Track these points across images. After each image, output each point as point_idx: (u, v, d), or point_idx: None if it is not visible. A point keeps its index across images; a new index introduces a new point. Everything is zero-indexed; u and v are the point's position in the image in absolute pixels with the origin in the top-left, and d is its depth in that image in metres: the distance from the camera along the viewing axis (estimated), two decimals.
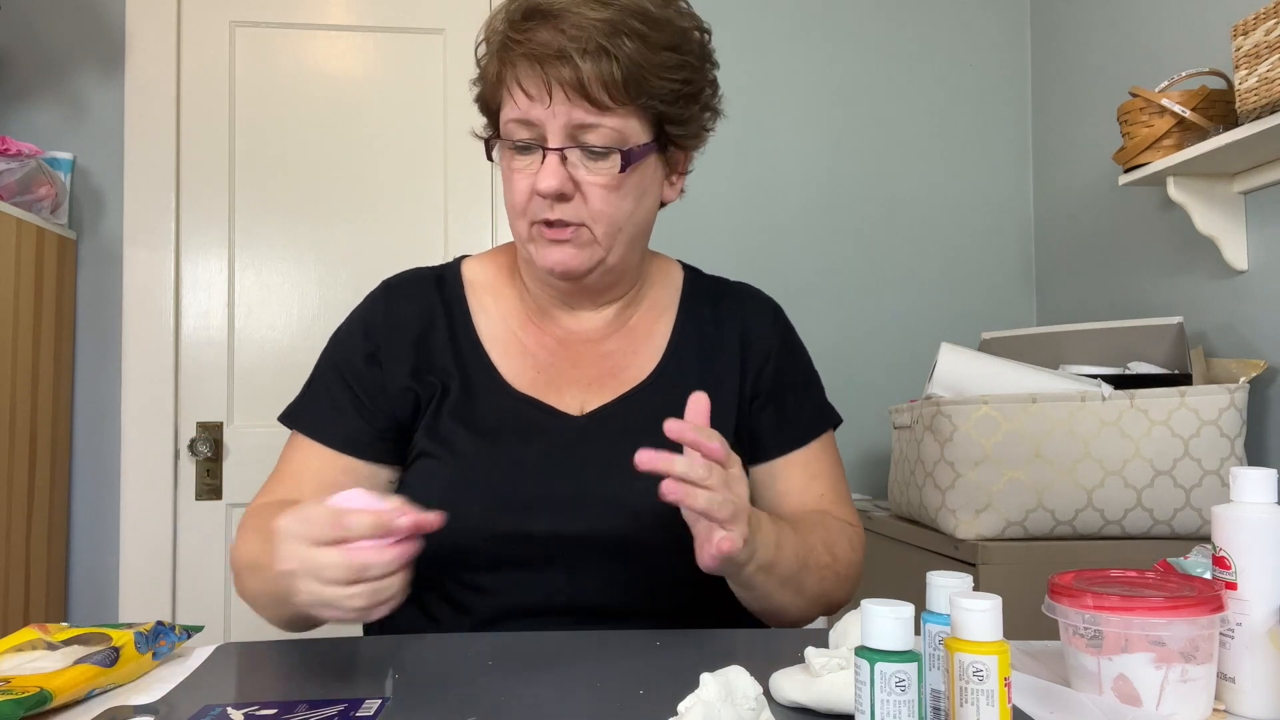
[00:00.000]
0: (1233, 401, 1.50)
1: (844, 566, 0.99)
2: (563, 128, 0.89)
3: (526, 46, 0.88)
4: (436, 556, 0.85)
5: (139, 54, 2.17)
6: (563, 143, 0.90)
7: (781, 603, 0.93)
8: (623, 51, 0.88)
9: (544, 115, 0.89)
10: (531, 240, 0.95)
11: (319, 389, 1.03)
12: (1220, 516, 0.70)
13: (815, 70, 2.39)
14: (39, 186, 1.92)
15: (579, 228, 0.93)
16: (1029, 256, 2.44)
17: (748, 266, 2.29)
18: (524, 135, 0.91)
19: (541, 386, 1.00)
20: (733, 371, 1.03)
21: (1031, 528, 1.54)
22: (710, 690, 0.58)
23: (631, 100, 0.90)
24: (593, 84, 0.87)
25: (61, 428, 2.06)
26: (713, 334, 1.05)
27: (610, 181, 0.91)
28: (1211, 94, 1.59)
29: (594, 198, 0.92)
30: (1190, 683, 0.66)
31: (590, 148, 0.90)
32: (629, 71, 0.88)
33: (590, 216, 0.92)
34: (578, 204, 0.92)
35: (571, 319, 1.04)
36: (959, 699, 0.56)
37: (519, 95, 0.90)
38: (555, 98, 0.88)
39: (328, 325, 2.17)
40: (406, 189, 2.26)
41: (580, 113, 0.89)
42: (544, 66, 0.88)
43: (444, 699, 0.70)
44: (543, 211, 0.92)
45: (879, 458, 2.30)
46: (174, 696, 0.72)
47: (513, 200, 0.95)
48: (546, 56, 0.87)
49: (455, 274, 1.07)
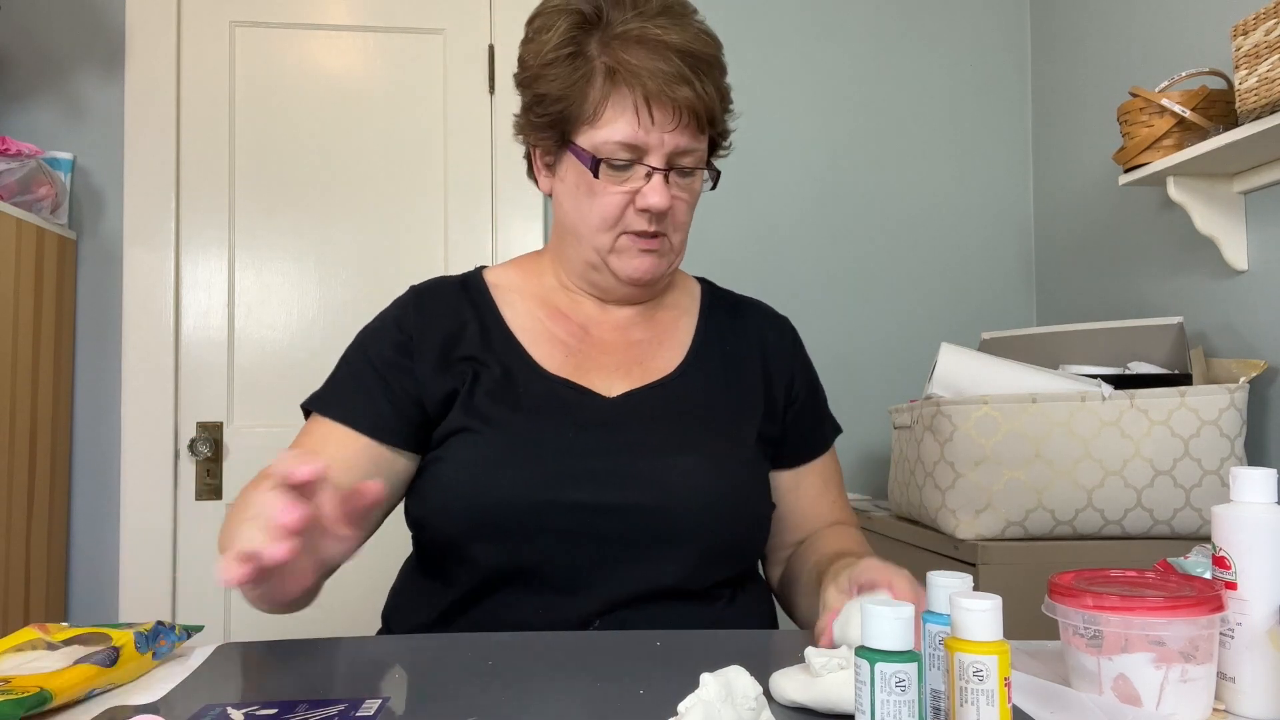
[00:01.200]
0: (1233, 401, 1.50)
1: None
2: (669, 149, 0.98)
3: (649, 70, 0.95)
4: (473, 524, 0.93)
5: (139, 54, 2.17)
6: (665, 163, 0.98)
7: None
8: (714, 80, 1.00)
9: (656, 139, 0.97)
10: (615, 251, 1.02)
11: (346, 377, 1.05)
12: (1220, 516, 0.70)
13: (815, 70, 2.39)
14: (39, 186, 1.92)
15: (664, 239, 1.02)
16: (1029, 256, 2.44)
17: (748, 267, 2.29)
18: (628, 157, 0.97)
19: (572, 369, 1.04)
20: (755, 378, 1.09)
21: (1031, 528, 1.54)
22: (710, 690, 0.58)
23: (715, 125, 1.02)
24: (703, 111, 0.97)
25: (61, 428, 2.06)
26: (734, 341, 1.11)
27: (693, 198, 1.03)
28: (1211, 94, 1.59)
29: (680, 211, 1.02)
30: (1190, 683, 0.66)
31: (685, 169, 1.00)
32: (719, 97, 1.01)
33: (674, 227, 1.02)
34: (667, 218, 1.01)
35: (600, 312, 1.09)
36: (959, 699, 0.56)
37: (642, 118, 0.96)
38: (680, 122, 0.96)
39: (328, 325, 2.21)
40: (406, 189, 2.26)
41: (689, 138, 0.98)
42: (671, 91, 0.95)
43: (444, 699, 0.71)
44: (641, 224, 1.00)
45: (879, 458, 2.30)
46: (174, 696, 0.72)
47: (604, 214, 1.00)
48: (672, 79, 0.95)
49: (478, 278, 1.12)
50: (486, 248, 2.27)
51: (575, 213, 1.02)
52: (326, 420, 1.01)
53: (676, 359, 1.07)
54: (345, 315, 2.22)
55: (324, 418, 1.02)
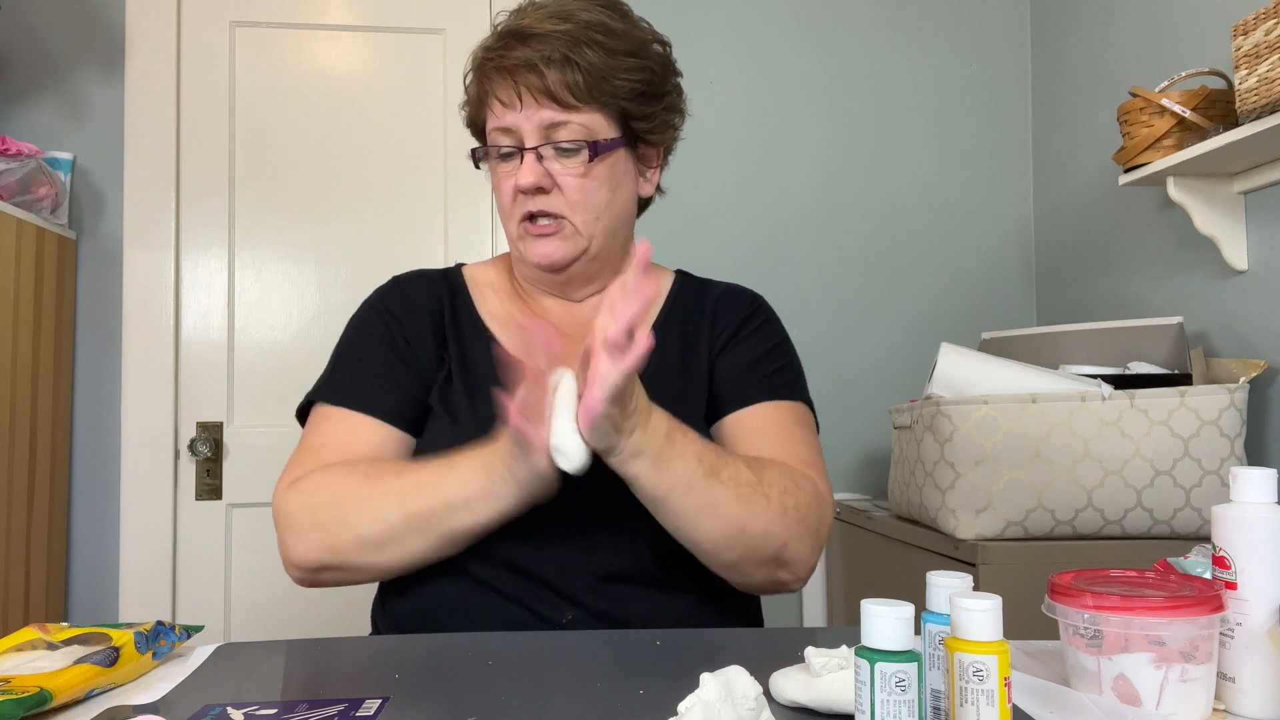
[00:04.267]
0: (1233, 401, 1.50)
1: (779, 494, 0.91)
2: (536, 128, 0.99)
3: (499, 62, 1.00)
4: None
5: (139, 54, 2.17)
6: (537, 142, 1.00)
7: (687, 516, 0.89)
8: (584, 58, 0.99)
9: (519, 120, 1.00)
10: (520, 239, 1.04)
11: (345, 367, 1.07)
12: (1220, 516, 0.70)
13: (815, 70, 2.39)
14: (39, 186, 1.92)
15: (560, 220, 1.02)
16: (1029, 256, 2.44)
17: (748, 267, 2.29)
18: (506, 142, 1.01)
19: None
20: (704, 354, 1.08)
21: (1031, 528, 1.54)
22: (710, 690, 0.58)
23: (594, 99, 1.00)
24: (557, 87, 0.98)
25: (61, 428, 2.06)
26: (695, 320, 1.11)
27: (581, 171, 1.00)
28: (1211, 94, 1.59)
29: (569, 189, 1.00)
30: (1190, 682, 0.66)
31: (561, 144, 0.99)
32: (590, 74, 0.99)
33: (569, 207, 1.01)
34: (556, 197, 1.01)
35: (564, 310, 1.10)
36: (959, 699, 0.56)
37: (497, 105, 1.01)
38: (525, 102, 0.99)
39: (328, 325, 2.20)
40: (406, 189, 2.26)
41: (549, 113, 0.99)
42: (514, 76, 0.99)
43: (444, 699, 0.70)
44: (525, 208, 1.01)
45: (879, 458, 2.30)
46: (174, 696, 0.72)
47: (501, 203, 1.04)
48: (517, 68, 0.99)
49: (456, 272, 1.16)
50: (486, 248, 2.27)
51: (498, 208, 1.08)
52: (335, 411, 1.02)
53: None
54: (345, 315, 2.18)
55: (340, 408, 1.02)
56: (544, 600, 0.95)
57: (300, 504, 0.94)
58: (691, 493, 0.88)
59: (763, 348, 1.09)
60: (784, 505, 0.91)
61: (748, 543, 0.90)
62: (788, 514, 0.91)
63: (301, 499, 0.94)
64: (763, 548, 0.91)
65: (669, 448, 0.86)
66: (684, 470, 0.87)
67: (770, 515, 0.90)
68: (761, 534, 0.90)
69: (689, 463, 0.87)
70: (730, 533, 0.89)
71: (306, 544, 0.93)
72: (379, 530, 0.91)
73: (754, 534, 0.90)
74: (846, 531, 2.10)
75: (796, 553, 0.93)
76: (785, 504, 0.91)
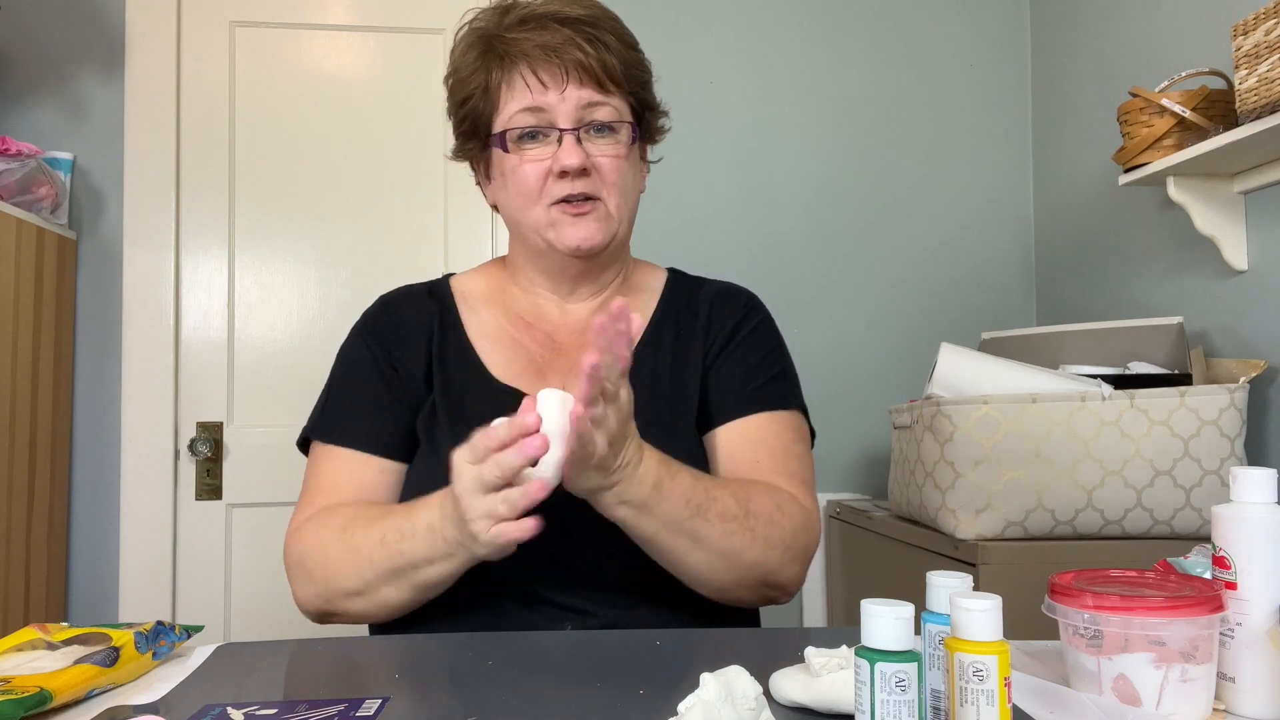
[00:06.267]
0: (1233, 401, 1.50)
1: (764, 526, 0.92)
2: (574, 108, 0.98)
3: (532, 42, 0.97)
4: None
5: (139, 54, 2.17)
6: (574, 123, 0.98)
7: (676, 554, 0.90)
8: (610, 43, 1.00)
9: (555, 100, 0.97)
10: (551, 224, 1.00)
11: (338, 400, 1.05)
12: (1220, 516, 0.70)
13: (815, 70, 2.39)
14: (39, 186, 1.92)
15: (596, 202, 1.00)
16: (1029, 256, 2.44)
17: (749, 267, 2.29)
18: (532, 122, 0.98)
19: (530, 376, 1.03)
20: (698, 355, 1.06)
21: (1031, 528, 1.54)
22: (710, 690, 0.58)
23: (623, 85, 1.01)
24: (597, 67, 0.97)
25: (61, 428, 2.06)
26: (689, 322, 1.09)
27: (621, 153, 1.00)
28: (1211, 94, 1.59)
29: (608, 170, 0.99)
30: (1190, 682, 0.66)
31: (605, 123, 0.99)
32: (620, 59, 1.00)
33: (605, 189, 1.00)
34: (594, 179, 0.99)
35: (560, 314, 1.08)
36: (959, 699, 0.56)
37: (531, 83, 0.98)
38: (570, 80, 0.97)
39: (327, 325, 2.21)
40: (406, 189, 2.26)
41: (589, 92, 0.98)
42: (556, 54, 0.97)
43: (444, 699, 0.71)
44: (564, 190, 0.98)
45: (879, 458, 2.30)
46: (174, 696, 0.72)
47: (527, 187, 1.00)
48: (556, 45, 0.97)
49: (444, 286, 1.13)
50: (486, 248, 2.27)
51: (509, 201, 1.03)
52: (332, 449, 1.02)
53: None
54: (345, 315, 2.19)
55: (333, 446, 1.02)
56: (542, 612, 0.95)
57: (296, 554, 0.96)
58: (679, 533, 0.89)
59: (757, 355, 1.08)
60: (769, 537, 0.93)
61: (735, 574, 0.93)
62: (773, 546, 0.93)
63: (297, 549, 0.96)
64: (750, 577, 0.93)
65: (655, 495, 0.86)
66: (671, 513, 0.88)
67: (757, 549, 0.92)
68: (749, 566, 0.93)
69: (676, 506, 0.88)
70: (718, 566, 0.91)
71: (305, 593, 0.96)
72: (357, 584, 0.92)
73: (742, 566, 0.92)
74: (846, 531, 2.10)
75: (784, 577, 0.96)
76: (770, 536, 0.93)
